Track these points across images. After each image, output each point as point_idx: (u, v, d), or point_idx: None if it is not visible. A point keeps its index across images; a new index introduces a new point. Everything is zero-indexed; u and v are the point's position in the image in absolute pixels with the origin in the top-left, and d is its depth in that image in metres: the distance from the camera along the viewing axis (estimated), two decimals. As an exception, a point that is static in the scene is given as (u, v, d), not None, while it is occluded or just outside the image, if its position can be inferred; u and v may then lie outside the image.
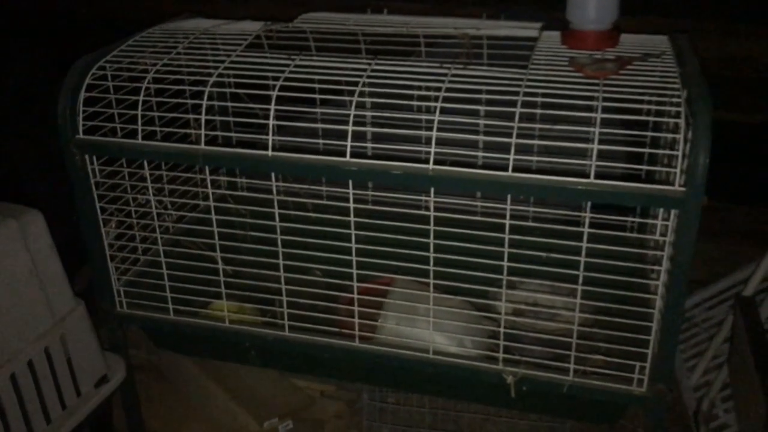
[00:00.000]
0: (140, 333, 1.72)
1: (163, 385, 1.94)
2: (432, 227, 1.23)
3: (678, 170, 1.09)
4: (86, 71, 1.36)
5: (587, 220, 1.15)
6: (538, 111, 1.33)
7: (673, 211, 1.14)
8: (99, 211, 1.42)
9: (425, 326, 1.34)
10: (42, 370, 1.37)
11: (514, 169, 1.14)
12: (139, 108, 1.32)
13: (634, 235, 1.62)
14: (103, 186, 1.40)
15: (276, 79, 1.27)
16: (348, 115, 1.21)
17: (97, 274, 1.49)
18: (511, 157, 1.13)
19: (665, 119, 1.31)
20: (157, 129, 1.43)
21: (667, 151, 1.25)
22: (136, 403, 1.68)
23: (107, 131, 1.37)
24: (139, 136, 1.33)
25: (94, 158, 1.38)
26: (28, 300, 1.34)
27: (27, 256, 1.33)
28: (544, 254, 1.24)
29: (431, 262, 1.26)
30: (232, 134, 1.63)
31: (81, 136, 1.35)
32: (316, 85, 1.53)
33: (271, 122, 1.24)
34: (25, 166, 2.23)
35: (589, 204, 1.15)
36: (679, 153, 1.10)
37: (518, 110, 1.14)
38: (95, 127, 1.37)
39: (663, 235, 1.20)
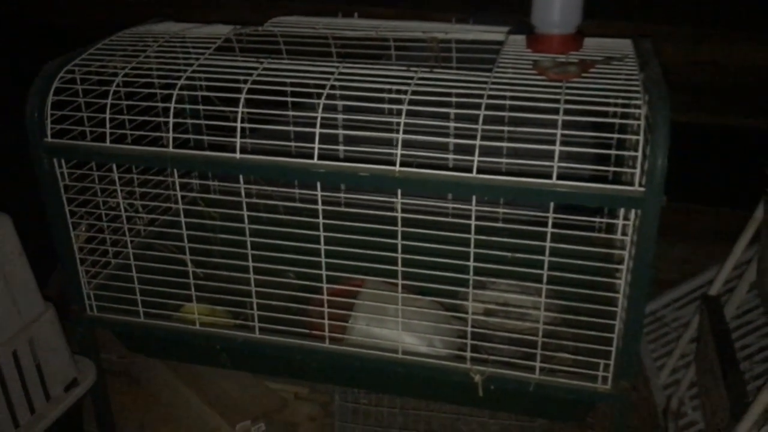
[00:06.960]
0: (112, 337, 1.71)
1: (135, 388, 1.94)
2: (400, 228, 1.24)
3: (638, 171, 1.11)
4: (54, 74, 1.36)
5: (550, 221, 1.17)
6: (505, 114, 1.35)
7: (634, 211, 1.17)
8: (68, 214, 1.41)
9: (395, 327, 1.35)
10: (10, 374, 1.36)
11: (481, 171, 1.16)
12: (107, 111, 1.32)
13: (602, 235, 1.64)
14: (72, 189, 1.40)
15: (245, 81, 1.28)
16: (316, 118, 1.22)
17: (68, 278, 1.48)
18: (476, 158, 1.14)
19: (630, 121, 1.34)
20: (127, 132, 1.43)
21: (629, 153, 1.27)
22: (108, 407, 1.68)
23: (76, 134, 1.37)
24: (108, 139, 1.33)
25: (63, 162, 1.38)
26: (-4, 304, 1.34)
27: (-6, 259, 1.33)
28: (509, 255, 1.26)
29: (399, 263, 1.27)
30: (204, 137, 1.63)
31: (49, 139, 1.35)
32: (287, 88, 1.54)
33: (239, 125, 1.25)
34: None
35: (552, 205, 1.17)
36: (639, 154, 1.12)
37: (482, 113, 1.15)
38: (64, 131, 1.37)
39: (625, 234, 1.22)
